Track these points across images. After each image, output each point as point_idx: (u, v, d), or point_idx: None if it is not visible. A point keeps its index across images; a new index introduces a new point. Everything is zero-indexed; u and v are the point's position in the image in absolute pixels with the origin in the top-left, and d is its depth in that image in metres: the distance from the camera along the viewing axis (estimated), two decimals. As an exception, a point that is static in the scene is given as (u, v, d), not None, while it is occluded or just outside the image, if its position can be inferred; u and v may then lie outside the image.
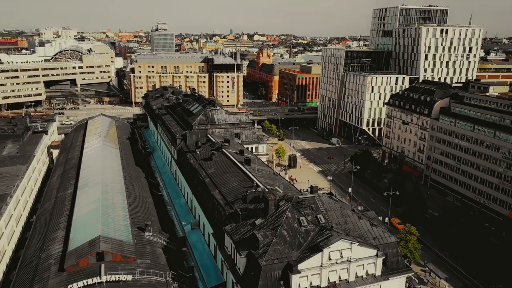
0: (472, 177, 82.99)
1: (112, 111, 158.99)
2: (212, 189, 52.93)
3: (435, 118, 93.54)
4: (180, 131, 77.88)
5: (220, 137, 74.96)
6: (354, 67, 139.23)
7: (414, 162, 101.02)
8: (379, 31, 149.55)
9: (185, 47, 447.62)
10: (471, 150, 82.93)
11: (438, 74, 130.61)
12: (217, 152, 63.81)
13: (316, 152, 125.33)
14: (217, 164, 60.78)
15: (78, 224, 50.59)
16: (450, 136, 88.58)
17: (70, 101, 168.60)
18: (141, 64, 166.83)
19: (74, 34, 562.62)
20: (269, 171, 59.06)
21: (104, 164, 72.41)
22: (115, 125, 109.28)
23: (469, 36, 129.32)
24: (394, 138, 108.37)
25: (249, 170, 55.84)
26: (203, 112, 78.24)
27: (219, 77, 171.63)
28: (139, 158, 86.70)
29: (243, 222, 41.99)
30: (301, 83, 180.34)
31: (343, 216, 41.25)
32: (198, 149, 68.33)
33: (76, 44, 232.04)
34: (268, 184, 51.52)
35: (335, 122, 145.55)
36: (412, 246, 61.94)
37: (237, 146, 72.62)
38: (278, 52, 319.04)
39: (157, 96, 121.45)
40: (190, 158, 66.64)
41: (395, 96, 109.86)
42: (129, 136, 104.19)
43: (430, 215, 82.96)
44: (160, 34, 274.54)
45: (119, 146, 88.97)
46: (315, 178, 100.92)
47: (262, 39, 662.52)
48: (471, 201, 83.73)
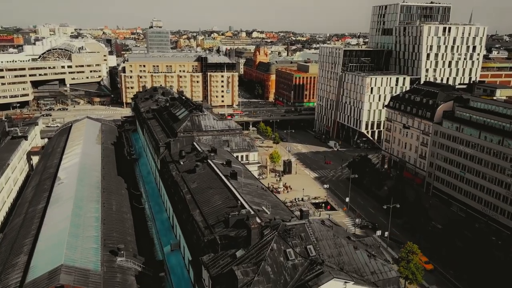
0: (477, 186, 77.68)
1: (102, 112, 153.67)
2: (192, 208, 47.61)
3: (438, 122, 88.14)
4: (165, 138, 72.52)
5: (207, 145, 69.63)
6: (352, 66, 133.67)
7: (415, 169, 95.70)
8: (379, 29, 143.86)
9: (182, 45, 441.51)
10: (476, 158, 77.58)
11: (440, 74, 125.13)
12: (201, 164, 58.47)
13: (313, 156, 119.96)
14: (201, 177, 55.46)
15: (42, 249, 45.25)
16: (454, 142, 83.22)
17: (59, 101, 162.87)
18: (132, 63, 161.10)
19: (71, 31, 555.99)
20: (257, 186, 53.70)
21: (82, 175, 67.00)
22: (101, 129, 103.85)
23: (472, 35, 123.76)
24: (394, 142, 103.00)
25: (234, 185, 50.55)
26: (189, 118, 72.82)
27: (213, 77, 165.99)
28: (122, 165, 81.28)
29: (223, 252, 36.71)
30: (298, 82, 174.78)
31: (337, 247, 35.93)
32: (182, 159, 63.01)
33: (68, 42, 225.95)
34: (255, 203, 46.20)
35: (333, 124, 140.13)
36: (414, 266, 56.71)
37: (225, 155, 67.29)
38: (276, 50, 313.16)
39: (146, 98, 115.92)
40: (172, 170, 61.32)
41: (396, 98, 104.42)
42: (115, 140, 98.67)
43: (433, 227, 77.76)
44: (155, 32, 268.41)
45: (102, 152, 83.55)
46: (311, 185, 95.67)
47: (260, 36, 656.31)
48: (476, 212, 78.47)
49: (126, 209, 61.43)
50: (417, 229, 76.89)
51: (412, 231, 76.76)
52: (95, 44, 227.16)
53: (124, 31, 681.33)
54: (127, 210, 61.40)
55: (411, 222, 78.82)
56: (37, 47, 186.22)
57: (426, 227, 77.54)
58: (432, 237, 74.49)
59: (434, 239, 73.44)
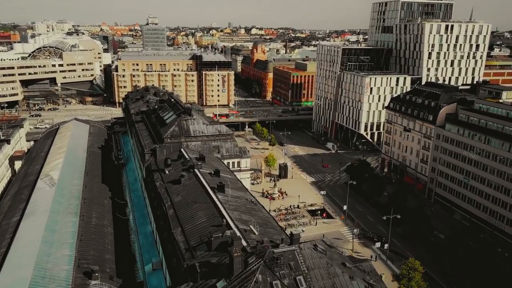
0: (482, 194, 73.60)
1: (93, 112, 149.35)
2: (174, 225, 43.52)
3: (441, 125, 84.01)
4: (151, 144, 68.39)
5: (195, 152, 65.50)
6: (351, 66, 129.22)
7: (416, 174, 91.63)
8: (379, 26, 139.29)
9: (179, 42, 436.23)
10: (481, 164, 73.46)
11: (442, 74, 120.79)
12: (187, 174, 54.39)
13: (310, 159, 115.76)
14: (186, 189, 51.38)
15: (7, 271, 41.13)
16: (457, 147, 79.06)
17: (50, 101, 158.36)
18: (124, 62, 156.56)
19: (69, 27, 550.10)
20: (246, 199, 49.56)
21: (62, 184, 62.84)
22: (89, 131, 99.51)
23: (476, 33, 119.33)
24: (395, 145, 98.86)
25: (221, 200, 46.49)
26: (177, 122, 68.58)
27: (209, 76, 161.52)
28: (108, 171, 77.02)
29: (202, 282, 32.65)
30: (296, 81, 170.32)
31: (331, 277, 31.85)
32: (167, 168, 58.88)
33: (61, 39, 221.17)
34: (242, 221, 42.14)
35: (331, 125, 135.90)
36: (416, 284, 52.72)
37: (215, 162, 63.18)
38: (274, 47, 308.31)
39: (137, 98, 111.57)
40: (157, 179, 57.20)
41: (396, 99, 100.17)
42: (103, 144, 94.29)
43: (435, 237, 73.76)
44: (151, 29, 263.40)
45: (87, 158, 79.25)
46: (307, 191, 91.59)
47: (260, 32, 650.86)
48: (481, 221, 74.44)
49: (108, 222, 57.24)
50: (419, 239, 72.95)
51: (414, 241, 72.79)
52: (89, 42, 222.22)
53: (122, 28, 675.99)
54: (109, 222, 57.21)
55: (412, 231, 74.81)
56: (27, 45, 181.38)
57: (428, 237, 73.59)
58: (434, 248, 70.58)
59: (436, 250, 69.53)
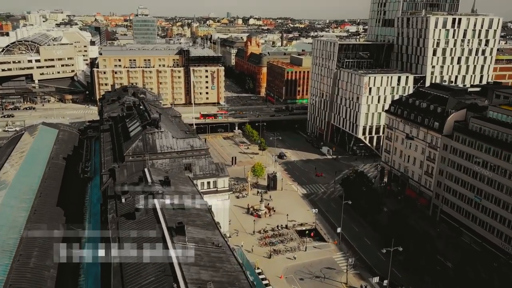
0: (496, 217, 63.95)
1: (72, 112, 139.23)
2: (115, 285, 33.93)
3: (448, 135, 74.00)
4: (111, 162, 58.56)
5: (162, 172, 55.69)
6: (348, 63, 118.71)
7: (419, 187, 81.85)
8: (379, 19, 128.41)
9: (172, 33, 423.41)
10: (496, 183, 63.66)
11: (448, 72, 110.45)
12: (145, 205, 44.61)
13: (303, 166, 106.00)
14: (140, 228, 41.50)
15: None
16: (467, 161, 69.18)
17: (27, 99, 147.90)
18: (106, 57, 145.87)
19: (63, 17, 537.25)
20: (212, 244, 39.82)
21: (4, 211, 53.08)
22: (56, 138, 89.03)
23: (485, 27, 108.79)
24: (396, 154, 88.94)
25: (178, 247, 36.79)
26: (141, 135, 58.58)
27: (197, 72, 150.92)
28: (70, 188, 66.85)
29: None
30: (290, 77, 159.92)
31: None
32: (124, 195, 48.90)
33: (44, 31, 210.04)
34: (199, 282, 32.51)
35: (327, 127, 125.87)
36: None
37: (184, 185, 53.34)
38: (270, 40, 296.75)
39: (113, 100, 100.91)
40: (110, 210, 47.40)
41: (397, 102, 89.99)
42: (70, 153, 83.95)
43: (442, 265, 64.43)
44: (140, 20, 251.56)
45: (46, 172, 69.01)
46: (298, 207, 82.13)
47: (257, 23, 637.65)
48: (494, 247, 64.85)
49: (51, 262, 47.53)
50: (423, 268, 63.75)
51: (418, 271, 63.59)
52: (73, 34, 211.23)
53: (117, 18, 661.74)
54: (52, 263, 47.56)
55: (416, 257, 65.55)
56: (3, 38, 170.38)
57: (434, 266, 64.30)
58: (441, 278, 61.47)
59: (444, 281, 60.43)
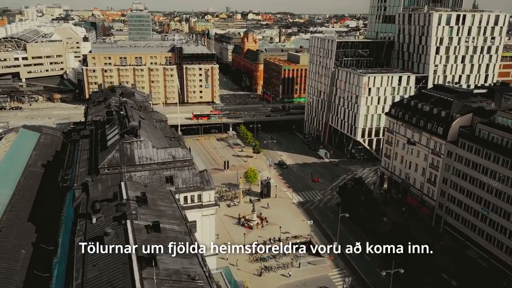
0: (505, 232, 59.17)
1: (60, 112, 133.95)
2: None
3: (453, 141, 69.09)
4: (85, 175, 53.60)
5: (140, 186, 50.71)
6: (347, 61, 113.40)
7: (422, 195, 77.10)
8: (379, 15, 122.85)
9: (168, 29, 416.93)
10: (505, 195, 58.81)
11: (451, 71, 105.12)
12: (114, 229, 39.77)
13: (299, 170, 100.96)
14: (105, 258, 36.82)
15: None
16: (474, 170, 64.31)
17: (14, 99, 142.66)
18: (95, 55, 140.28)
19: (60, 12, 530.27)
20: (188, 277, 34.91)
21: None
22: (37, 142, 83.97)
23: (491, 24, 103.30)
24: (396, 159, 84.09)
25: (147, 285, 31.98)
26: (118, 145, 53.56)
27: (190, 70, 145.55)
28: (45, 201, 62.16)
29: None
30: (287, 75, 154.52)
31: None
32: (95, 215, 43.98)
33: (35, 27, 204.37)
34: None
35: (324, 128, 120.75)
36: None
37: (163, 202, 48.39)
38: (268, 35, 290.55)
39: (99, 101, 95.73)
40: (79, 232, 42.61)
41: (398, 105, 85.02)
42: (50, 159, 79.00)
43: (447, 284, 59.67)
44: (135, 16, 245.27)
45: (21, 183, 64.17)
46: (292, 217, 77.26)
47: (256, 18, 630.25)
48: (502, 264, 60.16)
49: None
50: (426, 286, 58.98)
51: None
52: (65, 30, 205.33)
53: (114, 13, 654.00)
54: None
55: (418, 275, 60.74)
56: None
57: (438, 284, 59.54)
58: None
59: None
